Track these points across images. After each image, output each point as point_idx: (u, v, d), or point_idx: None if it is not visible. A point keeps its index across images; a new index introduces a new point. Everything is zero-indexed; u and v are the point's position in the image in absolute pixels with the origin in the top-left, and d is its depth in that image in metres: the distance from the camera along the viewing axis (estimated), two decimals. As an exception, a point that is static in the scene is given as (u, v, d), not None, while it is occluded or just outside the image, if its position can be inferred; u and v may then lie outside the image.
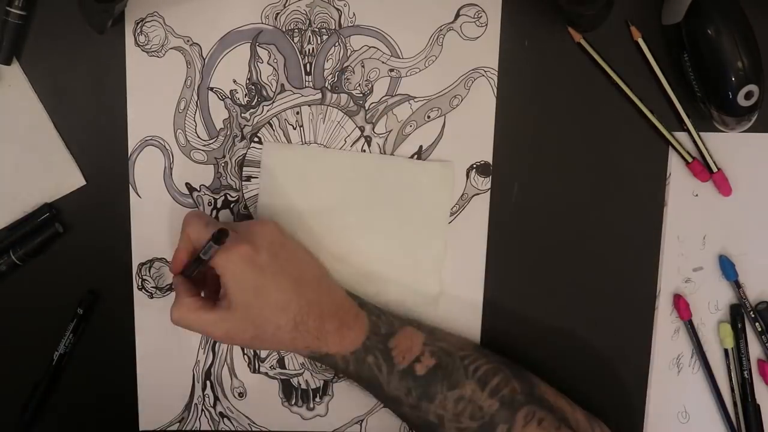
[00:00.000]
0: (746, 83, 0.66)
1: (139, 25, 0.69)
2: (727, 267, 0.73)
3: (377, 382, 0.67)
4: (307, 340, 0.65)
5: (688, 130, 0.72)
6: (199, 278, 0.67)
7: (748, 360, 0.74)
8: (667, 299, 0.74)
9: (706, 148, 0.72)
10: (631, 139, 0.72)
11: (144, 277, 0.72)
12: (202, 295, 0.67)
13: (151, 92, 0.70)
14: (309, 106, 0.71)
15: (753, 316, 0.74)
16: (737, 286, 0.74)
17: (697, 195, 0.73)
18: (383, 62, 0.71)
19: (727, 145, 0.72)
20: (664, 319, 0.74)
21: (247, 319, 0.64)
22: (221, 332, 0.64)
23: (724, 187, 0.73)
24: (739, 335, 0.74)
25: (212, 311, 0.64)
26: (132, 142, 0.71)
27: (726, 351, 0.75)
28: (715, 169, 0.72)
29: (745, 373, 0.75)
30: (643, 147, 0.72)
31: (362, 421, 0.75)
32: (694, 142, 0.72)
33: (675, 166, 0.72)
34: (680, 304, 0.74)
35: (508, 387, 0.67)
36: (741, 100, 0.66)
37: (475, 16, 0.71)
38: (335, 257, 0.72)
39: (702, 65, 0.67)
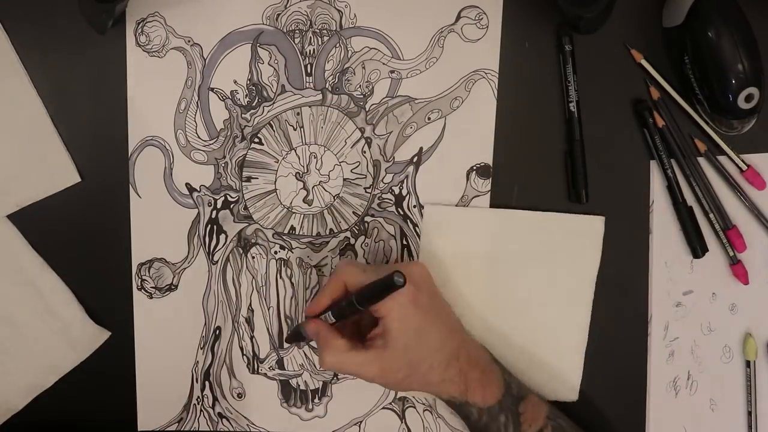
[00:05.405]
0: (747, 86, 0.66)
1: (140, 25, 0.69)
2: None
3: None
4: (454, 383, 0.65)
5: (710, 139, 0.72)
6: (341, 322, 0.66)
7: None
8: (659, 324, 0.74)
9: (731, 149, 0.72)
10: (621, 158, 0.73)
11: (143, 277, 0.72)
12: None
13: (152, 92, 0.70)
14: (309, 107, 0.71)
15: None
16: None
17: None
18: (384, 64, 0.71)
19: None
20: (658, 344, 0.74)
21: (404, 359, 0.64)
22: (374, 371, 0.64)
23: (757, 181, 0.72)
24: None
25: (365, 351, 0.64)
26: (132, 142, 0.71)
27: (748, 363, 0.74)
28: (744, 167, 0.72)
29: None
30: (629, 169, 0.73)
31: (361, 422, 0.75)
32: (716, 145, 0.72)
33: (657, 192, 0.72)
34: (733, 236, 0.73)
35: None
36: (741, 103, 0.67)
37: (476, 18, 0.71)
38: (479, 316, 0.72)
39: (702, 68, 0.67)
